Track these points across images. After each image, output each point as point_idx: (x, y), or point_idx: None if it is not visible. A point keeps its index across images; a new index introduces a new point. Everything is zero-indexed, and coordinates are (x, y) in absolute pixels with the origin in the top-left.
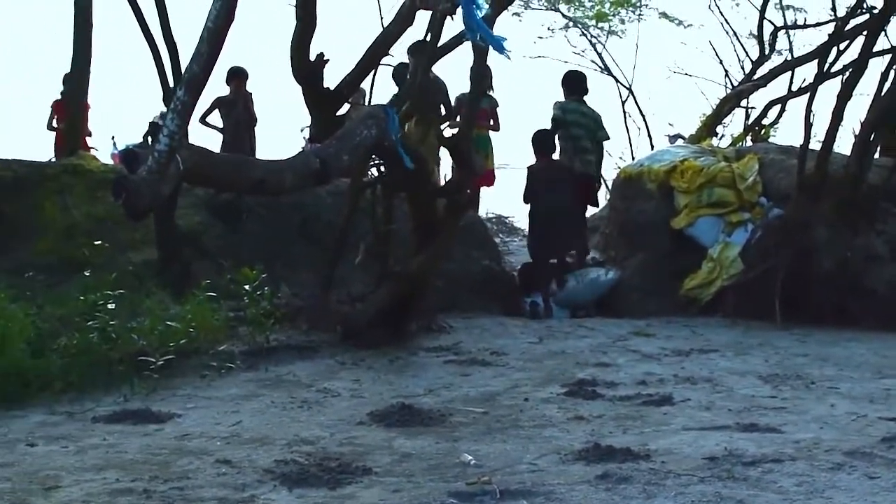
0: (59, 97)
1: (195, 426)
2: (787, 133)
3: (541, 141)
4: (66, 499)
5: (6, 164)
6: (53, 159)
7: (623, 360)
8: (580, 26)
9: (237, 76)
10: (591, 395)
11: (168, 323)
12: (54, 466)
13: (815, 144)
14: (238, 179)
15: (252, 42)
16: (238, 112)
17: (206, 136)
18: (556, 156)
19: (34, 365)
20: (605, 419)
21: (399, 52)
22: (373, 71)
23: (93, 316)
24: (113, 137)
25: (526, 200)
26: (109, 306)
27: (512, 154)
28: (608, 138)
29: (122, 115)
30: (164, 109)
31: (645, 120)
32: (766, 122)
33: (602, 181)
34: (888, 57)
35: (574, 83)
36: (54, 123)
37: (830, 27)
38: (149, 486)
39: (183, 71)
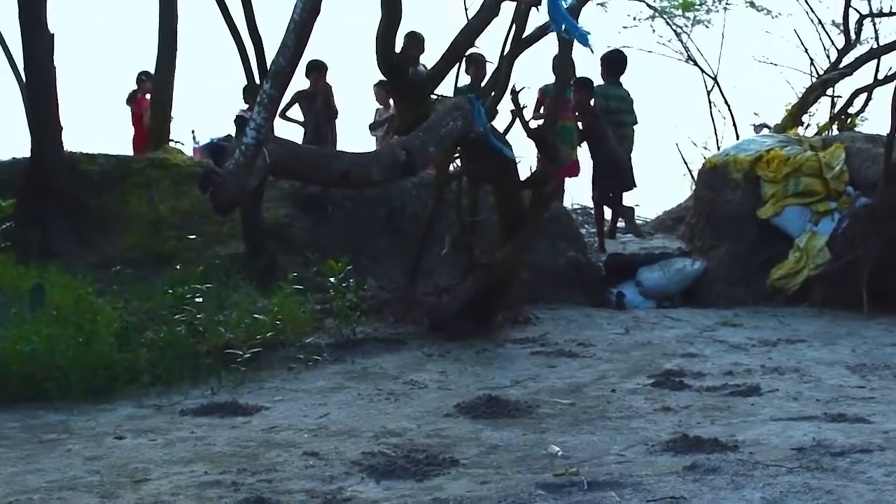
0: (133, 93)
1: (283, 419)
2: (874, 122)
3: (612, 62)
4: (155, 491)
5: (92, 157)
6: None
7: (710, 350)
8: (665, 16)
9: (316, 69)
10: (678, 386)
11: (255, 316)
12: (143, 459)
13: None
14: (324, 172)
15: (334, 33)
16: (318, 105)
17: (286, 130)
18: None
19: (122, 358)
20: (693, 410)
21: (483, 44)
22: (458, 63)
23: (180, 309)
24: (193, 131)
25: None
26: (196, 300)
27: None
28: (637, 122)
29: (205, 108)
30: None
31: (730, 109)
32: (851, 110)
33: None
34: None
35: (617, 64)
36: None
37: None
38: (237, 478)
39: (268, 64)
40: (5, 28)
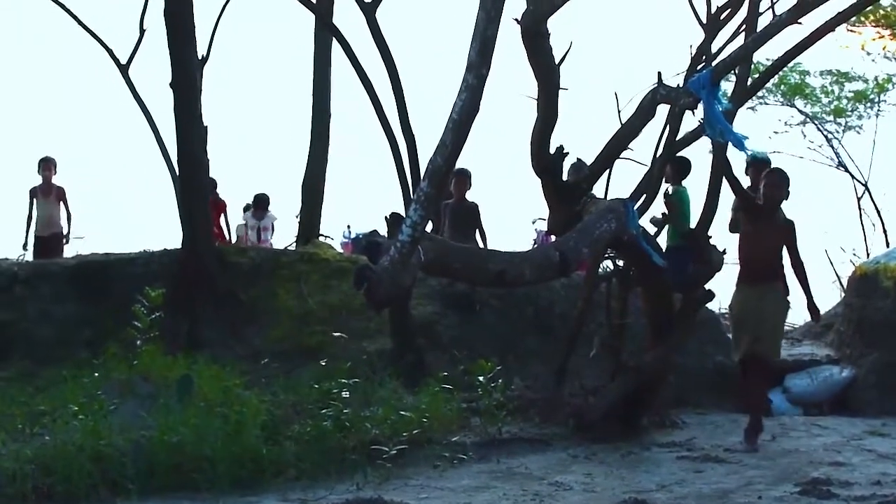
0: None
1: None
2: None
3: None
4: None
5: (242, 250)
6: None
7: (858, 459)
8: (816, 123)
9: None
10: (825, 495)
11: (401, 412)
12: None
13: None
14: (478, 271)
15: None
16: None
17: None
18: None
19: (268, 451)
20: None
21: (638, 146)
22: (611, 165)
23: (327, 404)
24: (348, 226)
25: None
26: (343, 394)
27: None
28: None
29: (354, 204)
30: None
31: (881, 217)
32: None
33: None
34: None
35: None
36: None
37: None
38: None
39: (420, 162)
40: (160, 119)
